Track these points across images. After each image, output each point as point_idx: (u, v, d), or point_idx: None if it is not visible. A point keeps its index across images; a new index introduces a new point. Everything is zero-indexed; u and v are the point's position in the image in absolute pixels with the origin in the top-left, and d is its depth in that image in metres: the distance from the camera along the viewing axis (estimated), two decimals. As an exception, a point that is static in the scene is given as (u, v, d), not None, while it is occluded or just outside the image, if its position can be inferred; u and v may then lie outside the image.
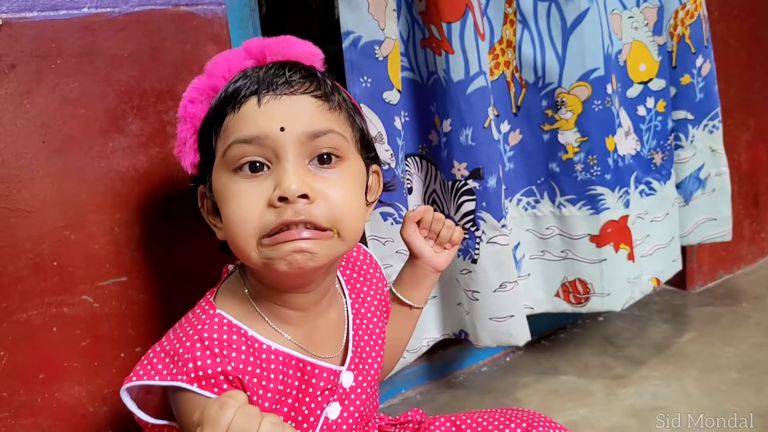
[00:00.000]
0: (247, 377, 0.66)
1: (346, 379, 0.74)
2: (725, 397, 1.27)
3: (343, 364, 0.75)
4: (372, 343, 0.79)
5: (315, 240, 0.63)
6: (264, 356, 0.68)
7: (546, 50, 1.18)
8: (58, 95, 0.83)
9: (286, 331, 0.71)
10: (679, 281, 1.77)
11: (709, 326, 1.59)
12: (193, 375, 0.63)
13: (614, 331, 1.60)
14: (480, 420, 0.83)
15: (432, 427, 0.84)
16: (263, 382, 0.67)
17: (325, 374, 0.72)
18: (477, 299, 1.17)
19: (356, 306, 0.81)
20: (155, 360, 0.66)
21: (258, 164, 0.64)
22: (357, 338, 0.78)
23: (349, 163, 0.68)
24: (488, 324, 1.18)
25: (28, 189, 0.83)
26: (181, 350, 0.65)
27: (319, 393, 0.71)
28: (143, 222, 0.91)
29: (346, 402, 0.74)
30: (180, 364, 0.64)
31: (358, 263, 0.85)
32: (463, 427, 0.83)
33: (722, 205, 1.49)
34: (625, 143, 1.29)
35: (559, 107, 1.20)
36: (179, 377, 0.63)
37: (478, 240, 1.15)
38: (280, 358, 0.69)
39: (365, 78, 1.01)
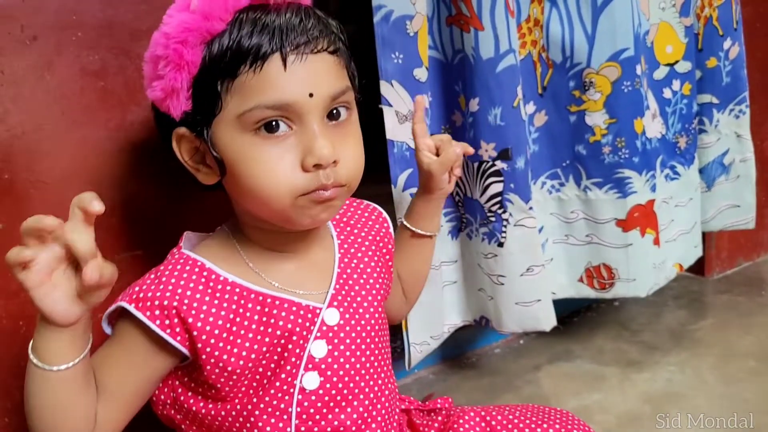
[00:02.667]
0: (194, 305, 0.67)
1: (330, 316, 0.73)
2: (742, 386, 1.26)
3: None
4: (363, 282, 0.78)
5: (335, 200, 0.68)
6: (220, 287, 0.70)
7: (575, 29, 1.15)
8: (78, 67, 0.82)
9: (269, 275, 0.73)
10: (697, 267, 1.74)
11: (726, 313, 1.57)
12: (134, 297, 0.67)
13: (629, 316, 1.59)
14: (511, 417, 0.82)
15: (461, 421, 0.83)
16: (213, 310, 0.68)
17: (301, 312, 0.72)
18: (503, 284, 1.16)
19: (345, 246, 0.81)
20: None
21: (275, 123, 0.65)
22: (345, 277, 0.77)
23: (354, 112, 0.71)
24: (514, 309, 1.17)
25: (48, 160, 0.82)
26: (136, 282, 0.70)
27: (299, 329, 0.71)
28: (160, 196, 0.91)
29: (336, 341, 0.73)
30: (128, 291, 0.69)
31: (352, 209, 0.87)
32: (494, 423, 0.82)
33: (746, 191, 1.46)
34: (651, 126, 1.27)
35: (587, 88, 1.17)
36: (124, 299, 0.68)
37: (505, 223, 1.13)
38: (237, 290, 0.70)
39: (397, 54, 0.98)
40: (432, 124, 1.11)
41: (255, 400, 0.71)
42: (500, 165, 1.10)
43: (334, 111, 0.68)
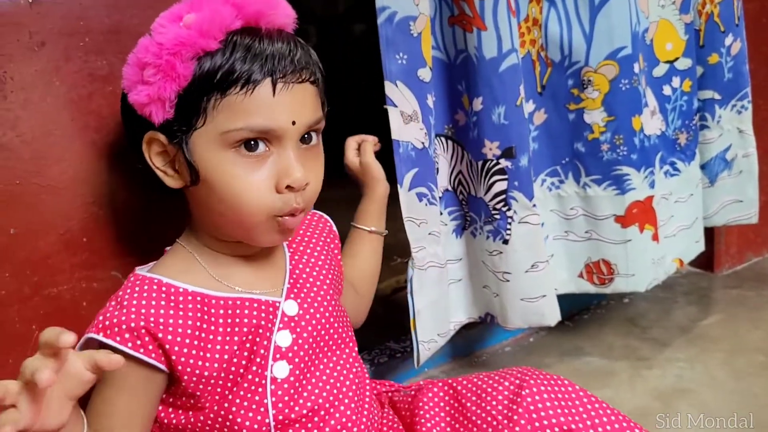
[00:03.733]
0: (161, 322, 0.70)
1: (289, 307, 0.78)
2: (752, 381, 1.26)
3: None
4: (315, 274, 0.83)
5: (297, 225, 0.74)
6: (181, 299, 0.72)
7: (573, 28, 1.16)
8: (87, 72, 0.84)
9: (228, 279, 0.77)
10: (706, 263, 1.75)
11: (736, 309, 1.57)
12: (100, 326, 0.70)
13: (639, 312, 1.59)
14: (475, 380, 0.85)
15: (427, 391, 0.86)
16: (180, 321, 0.71)
17: (263, 307, 0.76)
18: (508, 280, 1.17)
19: (293, 246, 0.86)
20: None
21: (253, 143, 0.68)
22: (297, 272, 0.82)
23: (320, 137, 0.76)
24: (519, 305, 1.18)
25: (58, 166, 0.84)
26: (99, 312, 0.72)
27: (263, 323, 0.75)
28: (170, 200, 0.91)
29: (298, 329, 0.77)
30: (94, 322, 0.71)
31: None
32: (459, 387, 0.85)
33: (749, 187, 1.46)
34: (650, 123, 1.28)
35: (585, 86, 1.18)
36: (91, 330, 0.70)
37: (509, 220, 1.14)
38: (198, 298, 0.73)
39: (401, 55, 1.00)
40: (436, 123, 1.12)
41: (230, 397, 0.73)
42: (504, 163, 1.11)
43: (306, 136, 0.72)
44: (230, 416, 0.73)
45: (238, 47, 0.67)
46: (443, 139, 1.16)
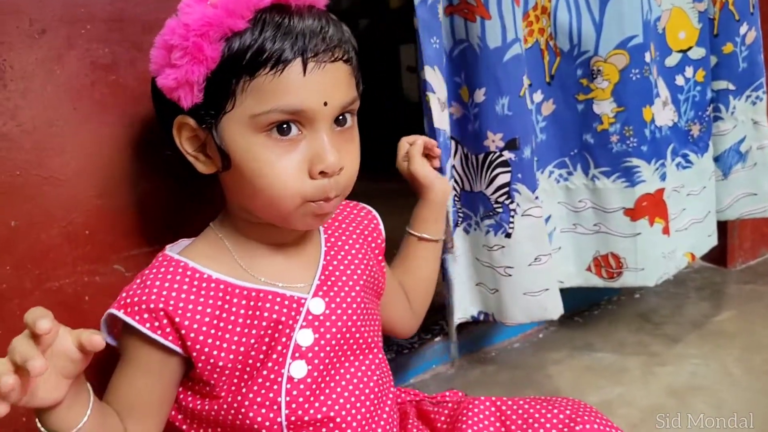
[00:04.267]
0: (180, 305, 0.69)
1: (315, 305, 0.75)
2: (768, 378, 1.24)
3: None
4: (350, 273, 0.80)
5: (332, 210, 0.72)
6: (204, 285, 0.71)
7: (582, 17, 1.14)
8: (89, 61, 0.82)
9: (257, 269, 0.75)
10: (719, 258, 1.73)
11: (750, 305, 1.54)
12: (122, 303, 0.70)
13: (650, 308, 1.57)
14: (523, 404, 0.82)
15: (471, 407, 0.83)
16: (199, 308, 0.70)
17: (287, 302, 0.74)
18: (510, 275, 1.14)
19: (332, 240, 0.83)
20: None
21: (286, 126, 0.66)
22: (331, 269, 0.79)
23: (355, 119, 0.73)
24: (521, 299, 1.16)
25: (60, 156, 0.83)
26: (124, 289, 0.72)
27: (284, 319, 0.73)
28: (173, 192, 0.91)
29: (322, 329, 0.74)
30: (117, 298, 0.71)
31: (340, 208, 0.88)
32: (504, 408, 0.82)
33: (763, 179, 1.43)
34: (662, 114, 1.26)
35: (594, 76, 1.16)
36: (114, 306, 0.70)
37: (512, 213, 1.12)
38: (222, 287, 0.72)
39: (435, 39, 0.99)
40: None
41: (244, 390, 0.72)
42: (508, 155, 1.09)
43: (341, 117, 0.70)
44: (243, 409, 0.72)
45: (268, 25, 0.64)
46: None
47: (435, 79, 0.98)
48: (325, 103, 0.66)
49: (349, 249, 0.83)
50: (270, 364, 0.72)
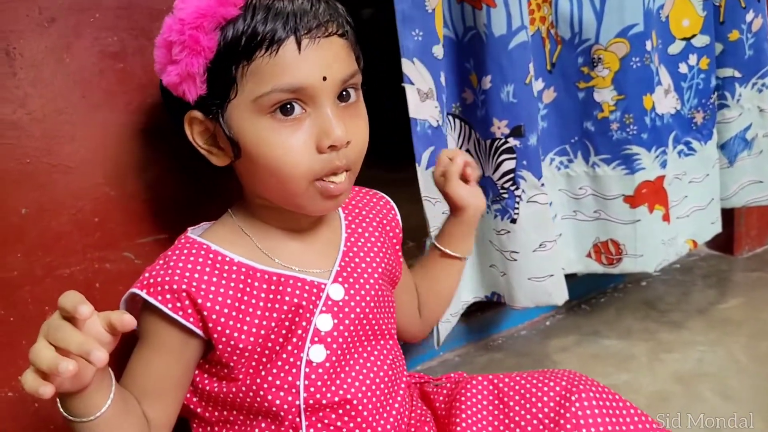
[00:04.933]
0: (203, 287, 0.70)
1: (335, 291, 0.76)
2: (776, 365, 1.24)
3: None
4: (369, 261, 0.81)
5: (343, 192, 0.71)
6: (227, 268, 0.72)
7: (583, 5, 1.15)
8: (97, 49, 0.83)
9: (276, 253, 0.75)
10: (726, 246, 1.73)
11: (756, 292, 1.54)
12: (145, 282, 0.70)
13: (657, 295, 1.57)
14: (519, 379, 0.82)
15: (469, 386, 0.84)
16: (221, 290, 0.70)
17: (307, 287, 0.74)
18: (515, 260, 1.16)
19: (352, 227, 0.83)
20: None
21: (289, 106, 0.66)
22: (351, 255, 0.80)
23: (360, 93, 0.73)
24: (526, 284, 1.17)
25: (70, 144, 0.83)
26: (146, 269, 0.72)
27: (305, 303, 0.73)
28: (181, 180, 0.92)
29: (341, 315, 0.75)
30: (140, 278, 0.71)
31: (360, 195, 0.88)
32: (501, 385, 0.83)
33: (769, 167, 1.44)
34: (664, 102, 1.26)
35: (595, 64, 1.17)
36: (136, 285, 0.71)
37: (517, 199, 1.13)
38: (243, 270, 0.73)
39: (417, 31, 0.98)
40: (445, 102, 1.11)
41: (263, 373, 0.73)
42: (513, 142, 1.10)
43: (344, 93, 0.70)
44: (261, 392, 0.73)
45: (258, 9, 0.65)
46: (451, 117, 1.15)
47: (413, 71, 0.98)
48: (324, 78, 0.66)
49: (369, 236, 0.83)
50: (289, 348, 0.73)
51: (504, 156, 1.11)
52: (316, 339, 0.74)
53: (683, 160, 1.33)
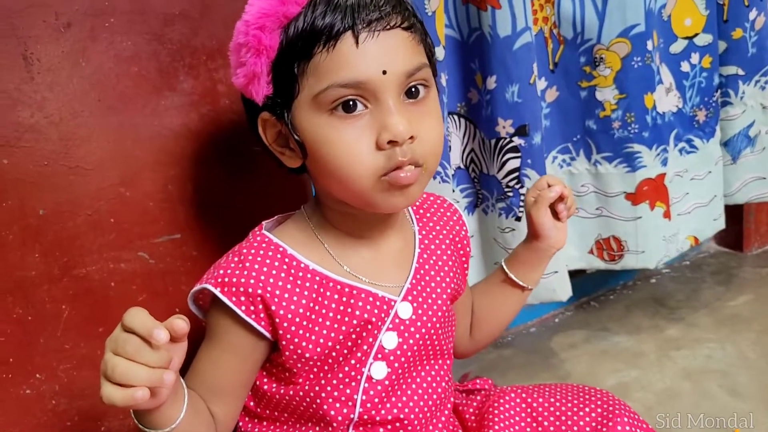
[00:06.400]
0: (277, 292, 0.68)
1: (404, 309, 0.74)
2: (786, 361, 1.24)
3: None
4: (439, 279, 0.78)
5: (416, 180, 0.67)
6: (301, 275, 0.70)
7: (586, 5, 1.17)
8: (113, 53, 0.85)
9: (347, 261, 0.73)
10: (735, 243, 1.73)
11: (766, 288, 1.55)
12: (219, 280, 0.68)
13: (666, 292, 1.57)
14: (553, 400, 0.81)
15: (501, 401, 0.82)
16: (294, 298, 0.69)
17: (378, 302, 0.72)
18: (520, 257, 1.17)
19: (425, 242, 0.80)
20: (203, 276, 0.73)
21: (351, 103, 0.64)
22: (422, 272, 0.77)
23: (432, 91, 0.70)
24: (531, 281, 1.18)
25: (86, 146, 0.85)
26: (222, 262, 0.71)
27: (374, 319, 0.72)
28: (196, 180, 0.93)
29: (406, 334, 0.74)
30: (214, 271, 0.70)
31: (430, 202, 0.86)
32: (535, 404, 0.81)
33: (772, 164, 1.45)
34: (665, 100, 1.28)
35: (597, 64, 1.19)
36: (209, 281, 0.69)
37: (522, 197, 1.14)
38: (317, 278, 0.71)
39: None
40: (449, 101, 1.13)
41: (323, 382, 0.72)
42: (517, 141, 1.12)
43: (413, 89, 0.67)
44: (318, 400, 0.72)
45: (318, 4, 0.63)
46: (455, 116, 1.17)
47: None
48: (384, 72, 0.63)
49: (441, 254, 0.80)
50: (353, 362, 0.72)
51: (509, 155, 1.13)
52: (379, 356, 0.72)
53: (685, 158, 1.35)
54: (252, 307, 0.68)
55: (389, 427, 0.74)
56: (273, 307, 0.68)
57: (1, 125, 0.79)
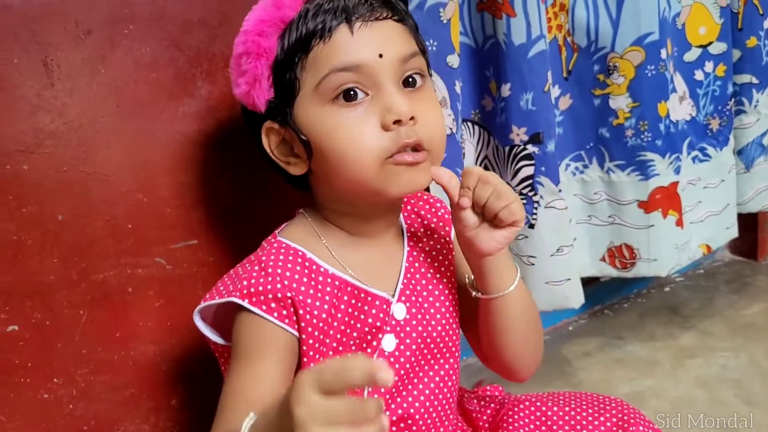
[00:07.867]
0: (300, 296, 0.69)
1: (398, 310, 0.74)
2: (801, 370, 1.23)
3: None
4: (429, 276, 0.78)
5: (422, 164, 0.68)
6: (321, 279, 0.71)
7: (600, 14, 1.17)
8: (131, 60, 0.86)
9: (348, 262, 0.74)
10: (750, 251, 1.72)
11: (780, 298, 1.53)
12: (245, 291, 0.68)
13: (680, 301, 1.56)
14: (567, 409, 0.80)
15: (516, 409, 0.81)
16: (317, 303, 0.69)
17: (378, 302, 0.73)
18: (533, 264, 1.17)
19: (414, 239, 0.80)
20: (219, 285, 0.72)
21: (353, 92, 0.66)
22: (413, 271, 0.77)
23: (428, 81, 0.72)
24: (544, 288, 1.18)
25: (104, 152, 0.86)
26: (241, 272, 0.71)
27: (378, 323, 0.73)
28: (212, 186, 0.94)
29: (402, 335, 0.74)
30: (237, 283, 0.69)
31: (422, 202, 0.86)
32: (549, 413, 0.80)
33: (786, 172, 1.44)
34: (679, 108, 1.28)
35: (611, 72, 1.19)
36: (234, 294, 0.68)
37: (536, 205, 1.14)
38: (336, 283, 0.72)
39: (432, 42, 1.00)
40: (463, 109, 1.13)
41: None
42: (531, 149, 1.12)
43: (410, 79, 0.69)
44: None
45: (312, 7, 0.67)
46: (470, 124, 1.17)
47: None
48: (381, 55, 0.66)
49: (430, 251, 0.80)
50: None
51: (522, 162, 1.13)
52: (380, 359, 0.73)
53: (698, 166, 1.34)
54: (284, 311, 0.68)
55: (393, 428, 0.74)
56: (301, 312, 0.68)
57: (21, 131, 0.80)
